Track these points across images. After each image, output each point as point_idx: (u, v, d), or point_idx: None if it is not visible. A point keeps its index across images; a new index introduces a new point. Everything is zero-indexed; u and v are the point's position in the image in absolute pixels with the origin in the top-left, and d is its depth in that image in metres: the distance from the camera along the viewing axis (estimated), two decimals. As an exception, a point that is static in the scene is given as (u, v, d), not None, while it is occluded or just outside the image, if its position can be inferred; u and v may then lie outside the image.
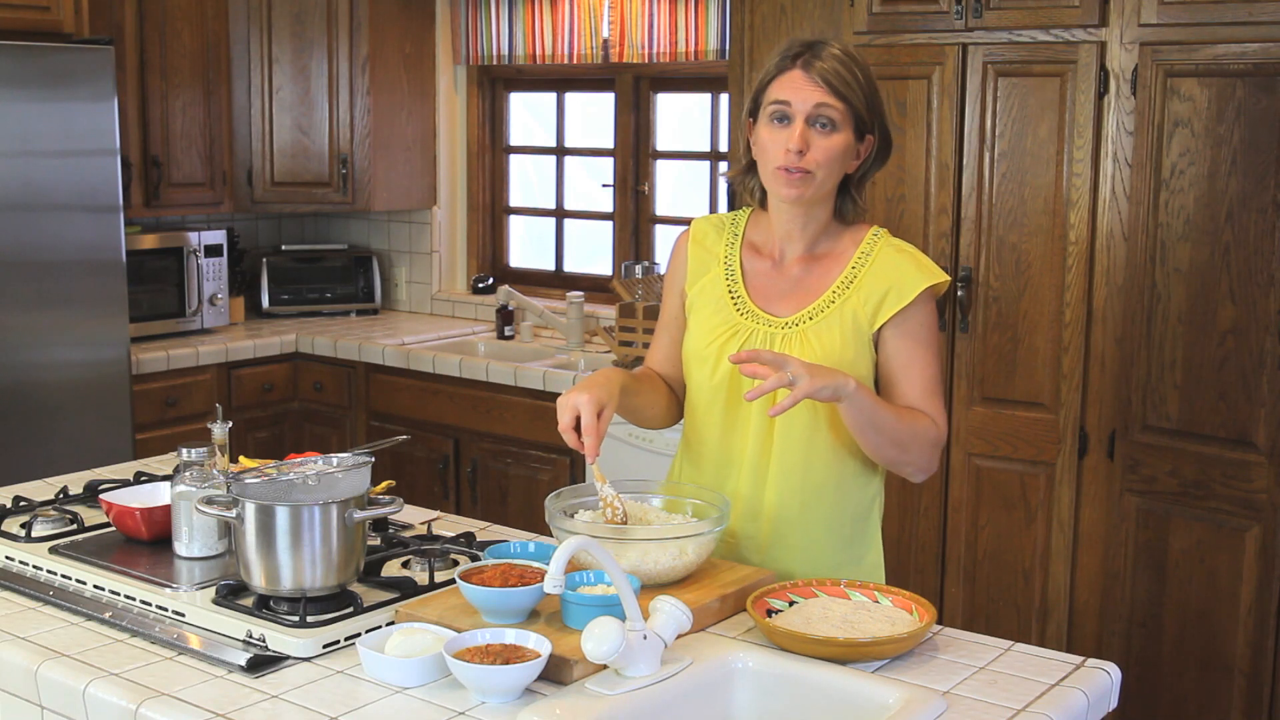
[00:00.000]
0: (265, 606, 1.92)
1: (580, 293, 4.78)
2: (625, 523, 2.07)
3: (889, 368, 2.16)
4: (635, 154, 4.98)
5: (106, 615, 1.99)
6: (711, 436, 2.24)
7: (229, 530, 2.11)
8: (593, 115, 5.16)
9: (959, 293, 3.52)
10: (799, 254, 2.21)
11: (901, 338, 2.15)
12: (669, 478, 2.34)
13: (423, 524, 2.43)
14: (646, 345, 4.32)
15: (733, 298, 2.22)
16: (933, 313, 2.18)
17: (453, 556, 2.17)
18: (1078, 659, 1.89)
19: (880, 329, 2.15)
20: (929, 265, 2.18)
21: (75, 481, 2.64)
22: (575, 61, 4.88)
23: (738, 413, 2.20)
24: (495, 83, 5.36)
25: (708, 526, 2.03)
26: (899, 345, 2.15)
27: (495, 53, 5.10)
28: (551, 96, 5.24)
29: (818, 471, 2.18)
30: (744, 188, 2.25)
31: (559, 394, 4.18)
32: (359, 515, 1.93)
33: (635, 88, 4.93)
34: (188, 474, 2.14)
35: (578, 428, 2.04)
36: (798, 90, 2.09)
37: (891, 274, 2.15)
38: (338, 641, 1.87)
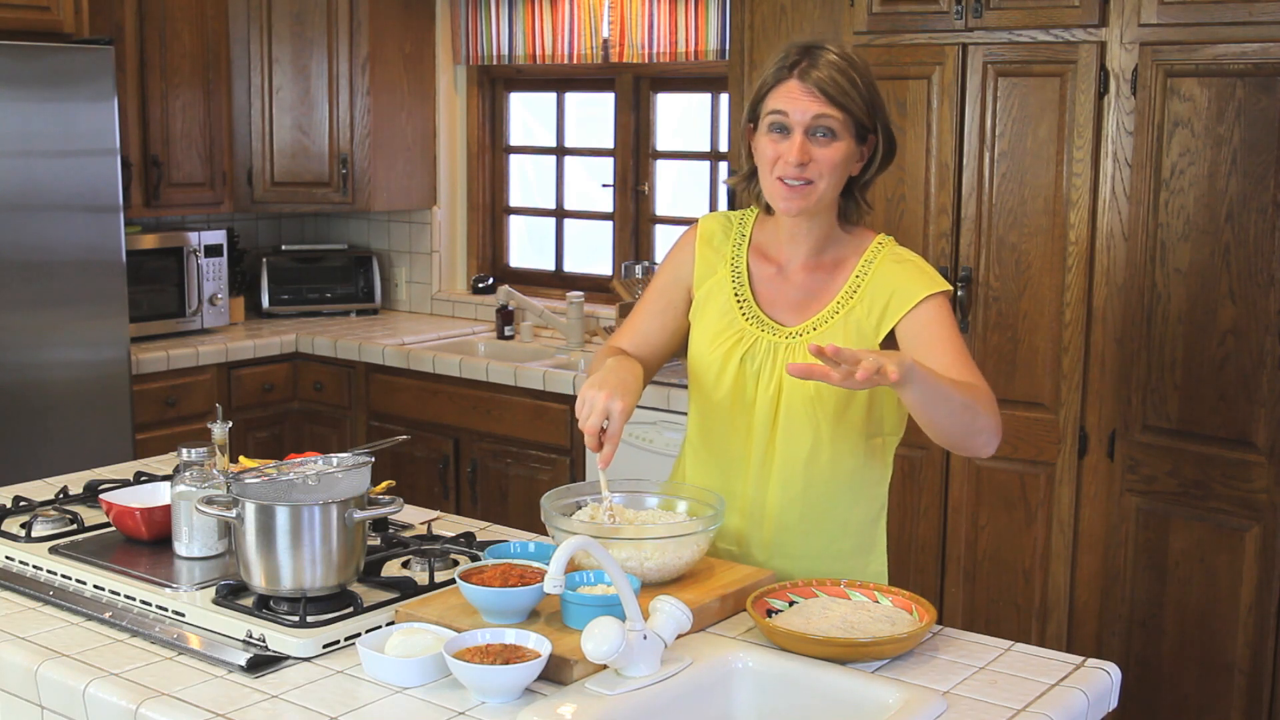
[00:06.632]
0: (265, 606, 1.92)
1: (580, 293, 4.78)
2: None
3: (916, 350, 2.08)
4: (635, 154, 4.98)
5: (106, 615, 1.99)
6: (716, 440, 2.24)
7: (229, 530, 2.11)
8: (593, 115, 5.16)
9: (959, 293, 3.52)
10: (803, 261, 2.20)
11: (920, 323, 2.10)
12: (673, 475, 2.34)
13: (423, 524, 2.43)
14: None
15: (739, 302, 2.21)
16: (947, 309, 2.13)
17: (453, 556, 2.17)
18: (1078, 659, 1.89)
19: (893, 333, 2.12)
20: (931, 273, 2.16)
21: (75, 481, 2.64)
22: (575, 61, 4.88)
23: (742, 418, 2.19)
24: (495, 83, 5.36)
25: (702, 525, 2.03)
26: (921, 330, 2.10)
27: (495, 53, 5.10)
28: (551, 96, 5.24)
29: (819, 482, 2.17)
30: (747, 194, 2.24)
31: (559, 394, 4.22)
32: (359, 515, 1.93)
33: (635, 88, 4.93)
34: (188, 474, 2.14)
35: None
36: (795, 101, 2.07)
37: (892, 282, 2.13)
38: (338, 641, 1.87)
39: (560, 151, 5.26)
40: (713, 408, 2.22)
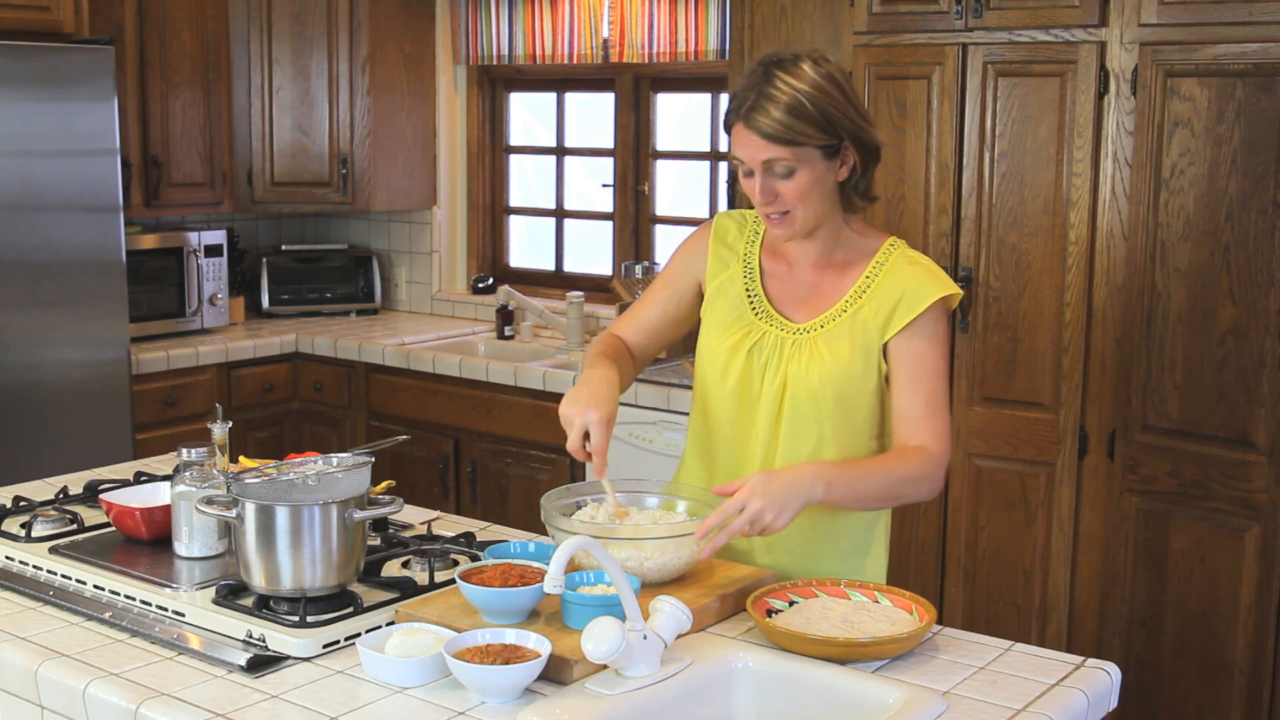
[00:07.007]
0: (265, 606, 1.92)
1: (580, 293, 4.78)
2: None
3: (896, 378, 2.15)
4: (635, 154, 4.98)
5: (106, 615, 1.99)
6: (721, 435, 2.25)
7: (229, 530, 2.11)
8: (593, 115, 5.16)
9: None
10: (814, 260, 2.22)
11: (909, 349, 2.13)
12: (677, 476, 2.34)
13: (423, 524, 2.43)
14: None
15: (749, 297, 2.23)
16: (944, 325, 2.16)
17: (453, 556, 2.17)
18: (1078, 659, 1.89)
19: (890, 339, 2.14)
20: (942, 277, 2.17)
21: (75, 481, 2.64)
22: (575, 61, 4.88)
23: (747, 413, 2.21)
24: (495, 83, 5.36)
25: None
26: (907, 357, 2.13)
27: (495, 53, 5.10)
28: (551, 96, 5.24)
29: None
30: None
31: (559, 394, 4.21)
32: (359, 515, 1.93)
33: (635, 88, 4.93)
34: (188, 474, 2.14)
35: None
36: (744, 148, 2.09)
37: (903, 284, 2.15)
38: (338, 641, 1.87)
39: (560, 151, 5.26)
40: (719, 401, 2.23)
